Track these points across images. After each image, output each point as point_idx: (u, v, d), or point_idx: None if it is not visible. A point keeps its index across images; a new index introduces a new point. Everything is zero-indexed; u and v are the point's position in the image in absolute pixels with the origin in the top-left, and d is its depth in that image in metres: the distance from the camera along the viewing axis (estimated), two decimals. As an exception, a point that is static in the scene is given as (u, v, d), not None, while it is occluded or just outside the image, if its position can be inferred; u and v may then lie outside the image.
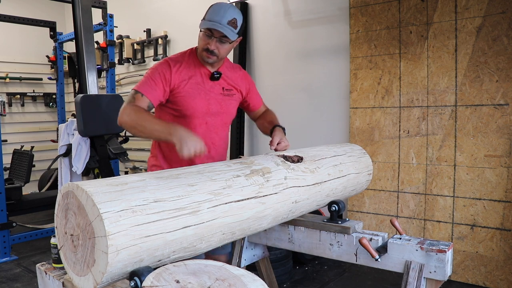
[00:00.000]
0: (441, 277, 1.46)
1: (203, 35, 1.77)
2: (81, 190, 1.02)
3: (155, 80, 1.73)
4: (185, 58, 1.84)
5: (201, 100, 1.82)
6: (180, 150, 1.48)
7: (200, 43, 1.79)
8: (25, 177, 4.45)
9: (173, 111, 1.83)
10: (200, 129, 1.84)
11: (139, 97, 1.70)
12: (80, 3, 3.32)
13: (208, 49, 1.76)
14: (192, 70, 1.83)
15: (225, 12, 1.71)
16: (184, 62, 1.83)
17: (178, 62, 1.81)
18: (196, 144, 1.49)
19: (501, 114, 2.80)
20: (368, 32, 3.34)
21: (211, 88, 1.86)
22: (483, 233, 2.87)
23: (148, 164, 1.96)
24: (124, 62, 5.36)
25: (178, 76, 1.78)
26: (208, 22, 1.72)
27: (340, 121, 3.60)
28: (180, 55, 1.87)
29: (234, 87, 1.95)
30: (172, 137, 1.52)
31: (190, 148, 1.47)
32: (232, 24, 1.72)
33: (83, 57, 3.33)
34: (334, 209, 1.74)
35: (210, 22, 1.71)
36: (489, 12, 2.82)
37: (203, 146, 1.51)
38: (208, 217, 1.20)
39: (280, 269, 2.99)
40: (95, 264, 1.00)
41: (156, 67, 1.78)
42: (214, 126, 1.90)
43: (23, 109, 6.04)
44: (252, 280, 0.99)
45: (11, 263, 3.62)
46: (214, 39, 1.74)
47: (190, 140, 1.49)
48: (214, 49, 1.75)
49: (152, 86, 1.72)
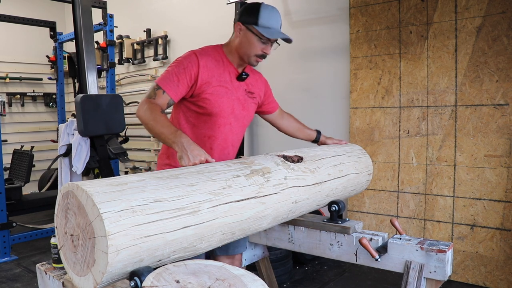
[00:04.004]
0: (441, 277, 1.46)
1: (257, 40, 1.73)
2: (81, 190, 1.02)
3: (179, 76, 1.67)
4: (213, 54, 1.77)
5: (228, 100, 1.77)
6: (180, 159, 1.46)
7: (254, 48, 1.74)
8: (25, 177, 4.45)
9: (197, 108, 1.75)
10: (224, 129, 1.79)
11: (160, 94, 1.64)
12: (80, 3, 3.31)
13: (263, 55, 1.75)
14: (221, 68, 1.77)
15: (278, 16, 1.76)
16: (213, 57, 1.76)
17: (207, 56, 1.73)
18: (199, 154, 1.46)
19: (501, 114, 2.80)
20: (368, 32, 3.34)
21: (237, 88, 1.82)
22: (483, 233, 2.87)
23: (159, 162, 1.88)
24: (124, 62, 5.36)
25: (206, 72, 1.71)
26: (275, 31, 1.72)
27: (340, 121, 3.60)
28: (209, 48, 1.79)
29: (255, 90, 1.92)
30: (175, 146, 1.49)
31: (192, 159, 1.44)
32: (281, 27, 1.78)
33: (83, 57, 3.33)
34: (334, 209, 1.74)
35: (278, 33, 1.73)
36: (489, 12, 2.82)
37: (207, 156, 1.48)
38: (208, 217, 1.20)
39: (280, 269, 2.99)
40: (95, 264, 0.99)
41: (181, 61, 1.70)
42: (236, 127, 1.85)
43: (23, 109, 6.04)
44: (252, 280, 0.99)
45: (11, 263, 3.62)
46: (269, 44, 1.74)
47: (192, 150, 1.46)
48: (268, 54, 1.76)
49: (175, 82, 1.66)
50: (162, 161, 1.86)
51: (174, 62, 1.73)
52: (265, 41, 1.72)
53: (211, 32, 4.31)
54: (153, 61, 5.09)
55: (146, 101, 1.63)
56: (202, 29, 4.54)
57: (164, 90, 1.65)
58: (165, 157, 1.86)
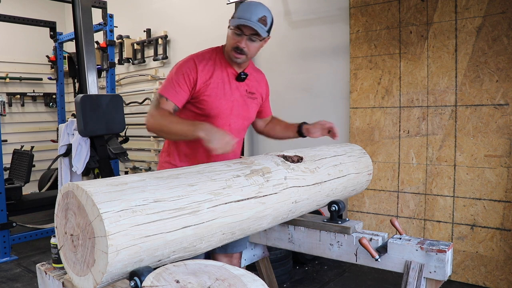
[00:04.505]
0: (441, 277, 1.46)
1: (232, 34, 1.71)
2: (81, 190, 1.02)
3: (179, 82, 1.71)
4: (212, 56, 1.79)
5: (226, 101, 1.78)
6: (209, 143, 1.47)
7: (230, 42, 1.74)
8: (25, 177, 4.45)
9: (197, 110, 1.78)
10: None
11: (164, 102, 1.69)
12: (80, 3, 3.31)
13: (238, 48, 1.71)
14: (219, 69, 1.78)
15: (255, 9, 1.68)
16: (211, 60, 1.78)
17: (204, 60, 1.76)
18: (224, 135, 1.49)
19: (501, 114, 2.80)
20: (368, 32, 3.34)
21: (236, 89, 1.82)
22: (483, 233, 2.87)
23: (160, 159, 1.92)
24: (124, 62, 5.36)
25: (204, 75, 1.74)
26: (238, 19, 1.68)
27: (340, 121, 3.60)
28: (206, 52, 1.82)
29: (256, 90, 1.91)
30: (199, 132, 1.51)
31: (220, 140, 1.47)
32: (263, 21, 1.69)
33: (83, 57, 3.33)
34: (334, 209, 1.74)
35: (240, 20, 1.67)
36: (489, 12, 2.82)
37: (232, 137, 1.50)
38: (208, 217, 1.20)
39: (280, 269, 2.99)
40: (95, 264, 0.99)
41: (181, 67, 1.74)
42: (236, 129, 1.85)
43: (23, 109, 6.04)
44: (252, 280, 0.99)
45: (11, 263, 3.62)
46: (244, 37, 1.69)
47: (217, 131, 1.49)
48: (244, 48, 1.70)
49: (176, 89, 1.70)
50: (163, 158, 1.90)
51: (173, 69, 1.76)
52: (239, 33, 1.69)
53: (211, 32, 4.31)
54: (153, 61, 5.09)
55: (153, 111, 1.68)
56: (202, 29, 4.54)
57: (167, 97, 1.69)
58: (166, 154, 1.89)
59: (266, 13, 1.71)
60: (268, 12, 1.73)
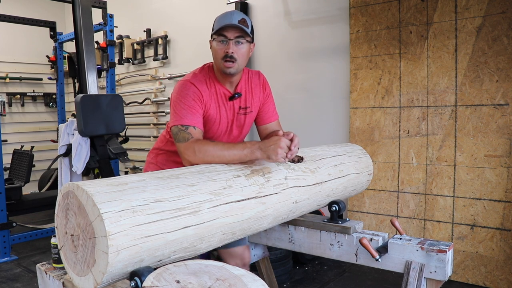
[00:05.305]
0: (442, 277, 1.46)
1: (217, 44, 1.68)
2: (81, 190, 1.02)
3: (192, 106, 1.65)
4: (204, 78, 1.74)
5: (222, 124, 1.77)
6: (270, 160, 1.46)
7: (217, 53, 1.68)
8: (25, 177, 4.45)
9: None
10: None
11: (193, 131, 1.61)
12: (80, 3, 3.31)
13: (226, 55, 1.64)
14: (213, 91, 1.74)
15: (232, 14, 1.67)
16: (205, 82, 1.73)
17: (201, 82, 1.72)
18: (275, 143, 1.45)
19: (501, 114, 2.80)
20: (368, 32, 3.34)
21: (230, 109, 1.79)
22: (483, 233, 2.87)
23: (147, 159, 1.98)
24: (124, 62, 5.35)
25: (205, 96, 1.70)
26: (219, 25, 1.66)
27: (340, 121, 3.60)
28: (199, 74, 1.75)
29: (251, 103, 1.85)
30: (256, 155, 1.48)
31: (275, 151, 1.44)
32: (243, 23, 1.65)
33: (83, 57, 3.33)
34: (335, 209, 1.74)
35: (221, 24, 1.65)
36: (489, 12, 2.82)
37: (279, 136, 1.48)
38: (208, 217, 1.20)
39: (280, 269, 2.99)
40: (95, 264, 0.99)
41: (186, 94, 1.67)
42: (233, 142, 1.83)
43: (23, 109, 6.04)
44: (252, 280, 0.99)
45: (11, 263, 3.61)
46: (230, 43, 1.65)
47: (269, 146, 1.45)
48: (233, 53, 1.64)
49: (195, 115, 1.64)
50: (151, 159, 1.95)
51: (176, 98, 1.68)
52: (224, 39, 1.66)
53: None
54: (153, 61, 5.09)
55: (189, 145, 1.56)
56: (202, 29, 4.53)
57: (194, 126, 1.63)
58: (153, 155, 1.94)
59: (244, 16, 1.69)
60: (246, 16, 1.71)
